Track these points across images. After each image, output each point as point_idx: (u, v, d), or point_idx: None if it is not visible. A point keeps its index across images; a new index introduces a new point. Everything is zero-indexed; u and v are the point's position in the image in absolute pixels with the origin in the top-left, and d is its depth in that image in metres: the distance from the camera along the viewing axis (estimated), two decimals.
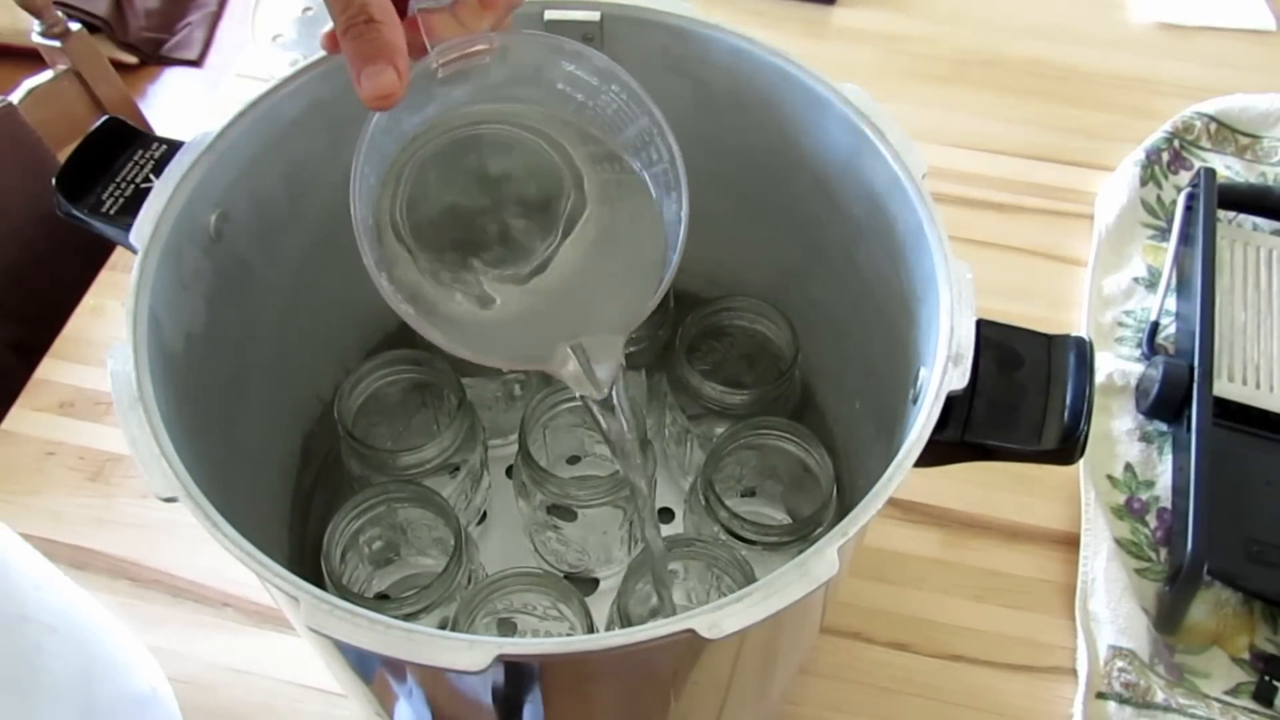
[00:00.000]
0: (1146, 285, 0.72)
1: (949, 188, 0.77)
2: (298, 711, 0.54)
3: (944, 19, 0.90)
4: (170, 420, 0.37)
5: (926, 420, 0.36)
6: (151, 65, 1.79)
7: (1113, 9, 0.91)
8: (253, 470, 0.51)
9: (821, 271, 0.53)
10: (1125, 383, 0.67)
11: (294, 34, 0.82)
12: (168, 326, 0.41)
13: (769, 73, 0.47)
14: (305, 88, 0.46)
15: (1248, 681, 0.56)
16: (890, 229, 0.45)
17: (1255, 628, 0.58)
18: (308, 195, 0.49)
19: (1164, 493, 0.63)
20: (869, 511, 0.34)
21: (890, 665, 0.57)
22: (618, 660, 0.33)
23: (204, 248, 0.44)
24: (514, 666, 0.33)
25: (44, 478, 0.63)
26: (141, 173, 0.45)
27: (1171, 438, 0.65)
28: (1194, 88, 0.83)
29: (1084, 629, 0.57)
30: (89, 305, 0.70)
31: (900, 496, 0.53)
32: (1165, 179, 0.77)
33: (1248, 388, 0.64)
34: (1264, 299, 0.68)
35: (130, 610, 0.57)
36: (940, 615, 0.58)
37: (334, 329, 0.57)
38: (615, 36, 0.49)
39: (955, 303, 0.39)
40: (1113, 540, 0.60)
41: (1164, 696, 0.55)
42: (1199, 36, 0.89)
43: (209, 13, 1.85)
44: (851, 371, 0.53)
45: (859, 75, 0.47)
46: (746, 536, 0.49)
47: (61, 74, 1.02)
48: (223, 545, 0.33)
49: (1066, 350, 0.41)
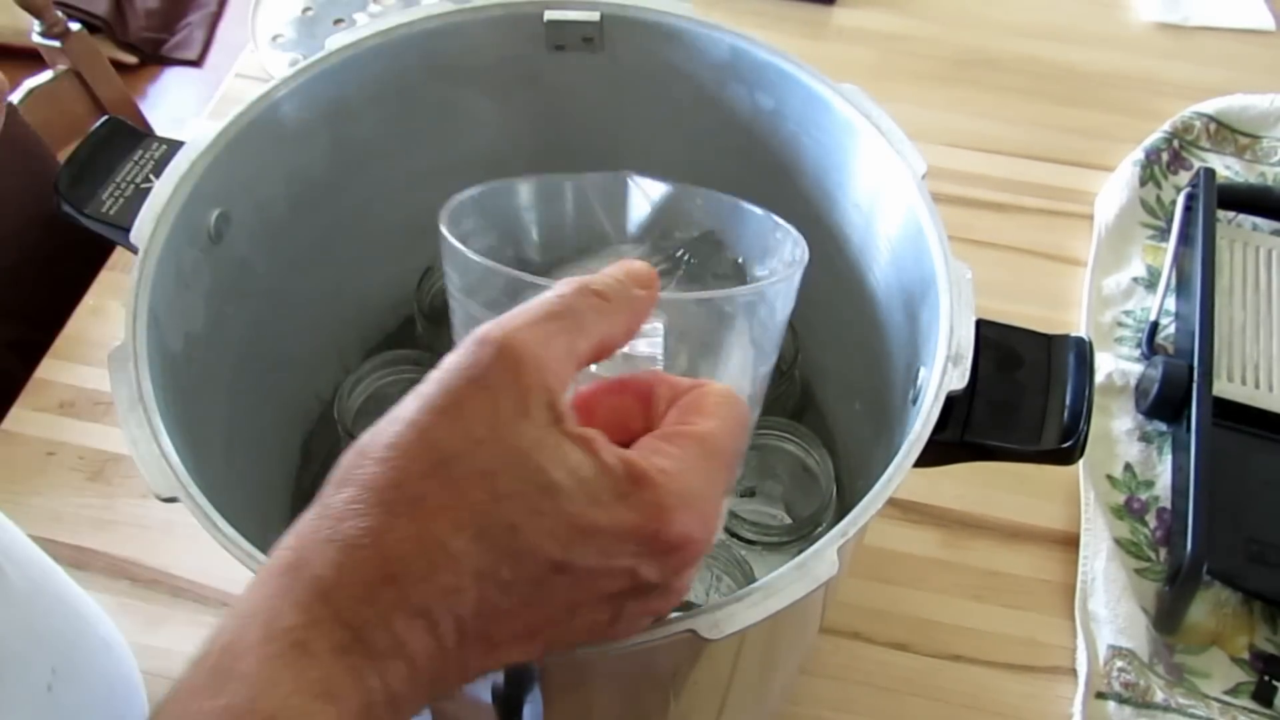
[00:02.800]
0: (1146, 285, 0.72)
1: (948, 188, 0.77)
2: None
3: (944, 19, 0.90)
4: (170, 420, 0.37)
5: (926, 420, 0.36)
6: (151, 65, 1.79)
7: (1112, 9, 0.91)
8: (253, 470, 0.51)
9: (821, 271, 0.53)
10: (1125, 383, 0.67)
11: (293, 34, 0.82)
12: (168, 326, 0.41)
13: (769, 73, 0.47)
14: (305, 87, 0.46)
15: (1247, 681, 0.56)
16: (890, 229, 0.45)
17: (1255, 628, 0.58)
18: (308, 195, 0.49)
19: (1164, 493, 0.63)
20: (869, 511, 0.34)
21: (890, 665, 0.57)
22: (618, 660, 0.33)
23: (204, 248, 0.44)
24: (514, 666, 0.33)
25: (44, 478, 0.63)
26: (142, 173, 0.45)
27: (1171, 438, 0.65)
28: (1194, 88, 0.83)
29: (1083, 629, 0.57)
30: (89, 305, 0.70)
31: (900, 496, 0.53)
32: (1165, 179, 0.77)
33: (1247, 387, 0.64)
34: (1263, 299, 0.68)
35: (130, 610, 0.57)
36: (940, 615, 0.58)
37: (334, 329, 0.57)
38: (615, 36, 0.49)
39: (955, 303, 0.39)
40: (1112, 540, 0.60)
41: (1164, 696, 0.55)
42: (1199, 36, 0.89)
43: (209, 13, 1.85)
44: (851, 371, 0.53)
45: (859, 75, 0.47)
46: (746, 536, 0.49)
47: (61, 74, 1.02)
48: (223, 545, 0.33)
49: (1066, 350, 0.41)
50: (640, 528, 0.27)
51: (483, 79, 0.52)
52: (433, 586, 0.26)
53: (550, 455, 0.26)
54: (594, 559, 0.27)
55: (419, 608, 0.26)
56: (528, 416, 0.27)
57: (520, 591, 0.26)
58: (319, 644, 0.25)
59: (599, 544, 0.27)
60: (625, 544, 0.27)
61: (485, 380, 0.27)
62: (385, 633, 0.25)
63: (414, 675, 0.26)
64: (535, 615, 0.27)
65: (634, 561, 0.27)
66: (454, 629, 0.26)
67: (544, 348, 0.27)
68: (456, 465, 0.26)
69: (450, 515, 0.26)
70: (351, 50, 0.47)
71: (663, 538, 0.27)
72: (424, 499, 0.26)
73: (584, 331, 0.29)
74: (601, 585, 0.28)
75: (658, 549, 0.28)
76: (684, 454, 0.29)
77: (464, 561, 0.26)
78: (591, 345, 0.29)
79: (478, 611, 0.26)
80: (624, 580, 0.28)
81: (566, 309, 0.29)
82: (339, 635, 0.25)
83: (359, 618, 0.25)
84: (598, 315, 0.29)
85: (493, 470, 0.26)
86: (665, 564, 0.28)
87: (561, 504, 0.26)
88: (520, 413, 0.27)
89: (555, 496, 0.26)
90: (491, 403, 0.27)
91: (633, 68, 0.51)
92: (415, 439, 0.27)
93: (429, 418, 0.27)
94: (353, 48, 0.47)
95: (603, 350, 0.30)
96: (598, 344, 0.29)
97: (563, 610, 0.28)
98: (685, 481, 0.28)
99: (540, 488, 0.26)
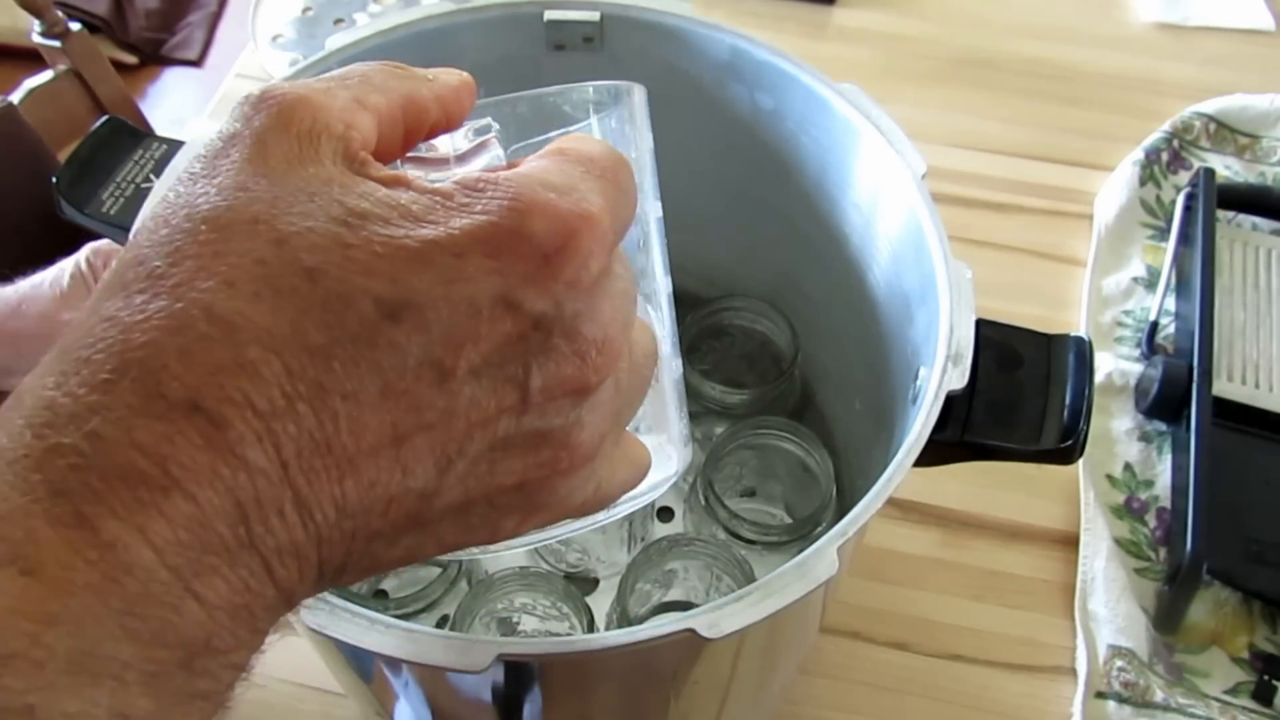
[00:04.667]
0: (1146, 285, 0.72)
1: (948, 188, 0.77)
2: (296, 711, 0.54)
3: (944, 19, 0.90)
4: None
5: (926, 420, 0.36)
6: (152, 65, 1.79)
7: (1112, 9, 0.91)
8: None
9: (821, 271, 0.53)
10: (1124, 382, 0.67)
11: (294, 34, 0.82)
12: None
13: (769, 73, 0.47)
14: None
15: (1247, 681, 0.56)
16: (890, 229, 0.45)
17: (1255, 627, 0.58)
18: None
19: (1163, 492, 0.63)
20: (869, 511, 0.34)
21: (890, 665, 0.57)
22: (618, 660, 0.33)
23: None
24: (514, 666, 0.33)
25: None
26: (142, 173, 0.45)
27: (1171, 437, 0.65)
28: (1193, 88, 0.83)
29: (1083, 628, 0.57)
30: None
31: (900, 496, 0.53)
32: (1165, 179, 0.77)
33: (1247, 387, 0.64)
34: (1263, 299, 0.68)
35: None
36: (940, 615, 0.58)
37: None
38: (615, 36, 0.49)
39: (955, 302, 0.39)
40: (1112, 540, 0.60)
41: (1163, 696, 0.55)
42: (1198, 36, 0.89)
43: (209, 13, 1.85)
44: (851, 371, 0.54)
45: (859, 75, 0.47)
46: (746, 536, 0.49)
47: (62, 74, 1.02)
48: None
49: (1066, 350, 0.41)
50: (492, 230, 0.20)
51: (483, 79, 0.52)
52: (202, 374, 0.18)
53: (351, 189, 0.20)
54: (438, 288, 0.19)
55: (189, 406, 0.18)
56: (314, 160, 0.20)
57: (349, 360, 0.19)
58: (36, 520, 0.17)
59: (439, 268, 0.19)
60: (477, 259, 0.20)
61: (242, 133, 0.20)
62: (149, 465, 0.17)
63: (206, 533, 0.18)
64: (400, 409, 0.19)
65: (501, 285, 0.20)
66: (257, 434, 0.18)
67: (322, 95, 0.21)
68: (216, 222, 0.19)
69: (210, 273, 0.18)
70: (352, 51, 0.47)
71: (529, 237, 0.20)
72: (169, 269, 0.19)
73: (373, 85, 0.23)
74: (470, 332, 0.20)
75: (529, 258, 0.20)
76: (543, 159, 0.22)
77: (243, 329, 0.18)
78: (389, 101, 0.23)
79: (290, 404, 0.18)
80: (501, 323, 0.20)
81: (349, 70, 0.23)
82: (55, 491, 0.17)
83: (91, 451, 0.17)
84: (391, 76, 0.24)
85: (268, 214, 0.19)
86: (552, 281, 0.20)
87: (374, 230, 0.19)
88: (298, 158, 0.20)
89: (364, 223, 0.19)
90: (255, 149, 0.20)
91: (633, 68, 0.51)
92: (159, 209, 0.20)
93: (177, 188, 0.20)
94: (353, 48, 0.47)
95: (410, 111, 0.23)
96: (398, 100, 0.23)
97: (436, 394, 0.20)
98: (547, 173, 0.21)
99: (339, 220, 0.19)
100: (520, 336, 0.20)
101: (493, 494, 0.22)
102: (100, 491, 0.17)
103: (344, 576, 0.21)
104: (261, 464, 0.18)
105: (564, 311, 0.21)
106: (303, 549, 0.19)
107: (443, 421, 0.20)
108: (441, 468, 0.20)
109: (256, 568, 0.19)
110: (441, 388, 0.20)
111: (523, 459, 0.22)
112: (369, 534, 0.20)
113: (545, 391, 0.21)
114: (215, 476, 0.18)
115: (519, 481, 0.22)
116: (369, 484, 0.20)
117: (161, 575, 0.17)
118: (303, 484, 0.19)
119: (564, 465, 0.22)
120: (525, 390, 0.21)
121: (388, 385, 0.19)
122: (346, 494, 0.19)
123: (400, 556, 0.22)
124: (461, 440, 0.20)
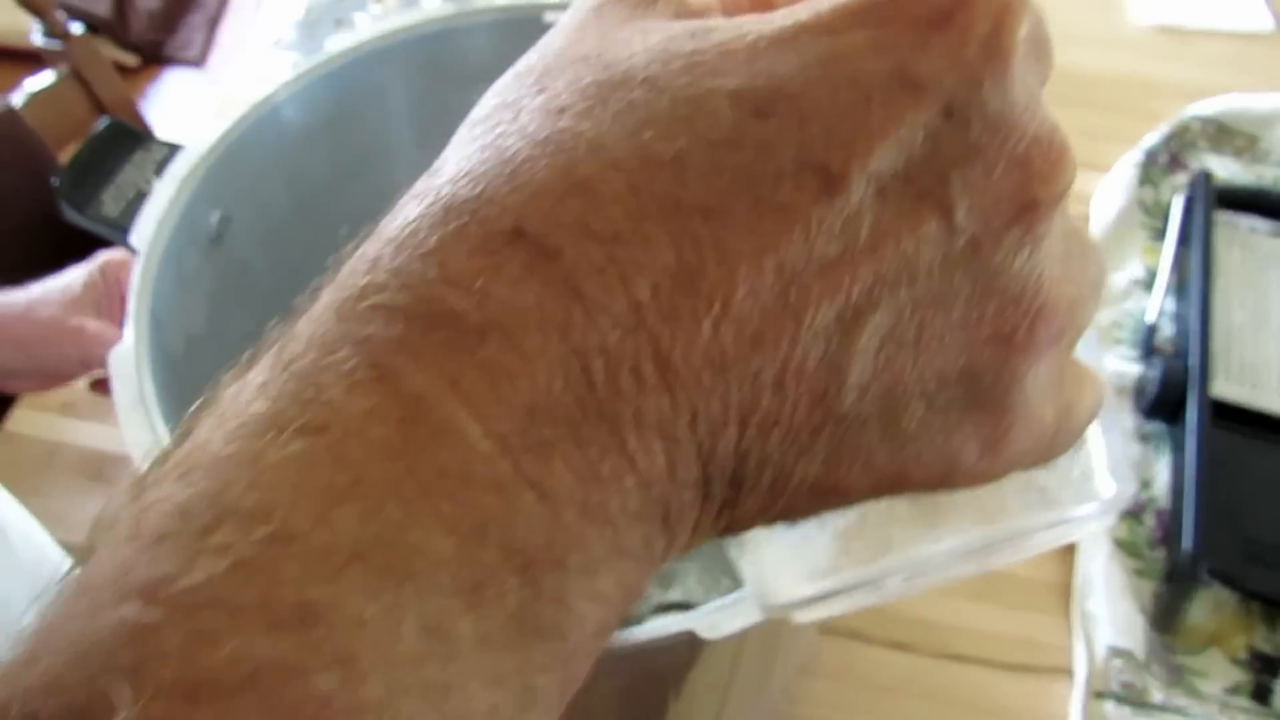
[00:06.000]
0: (1144, 286, 0.72)
1: None
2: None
3: None
4: (172, 421, 0.37)
5: None
6: (152, 66, 1.79)
7: (1111, 11, 0.91)
8: None
9: None
10: (1123, 383, 0.67)
11: (294, 36, 0.82)
12: (169, 328, 0.41)
13: None
14: (307, 90, 0.46)
15: (1246, 681, 0.57)
16: None
17: (1253, 628, 0.58)
18: (309, 196, 0.49)
19: (1161, 493, 0.63)
20: None
21: (890, 665, 0.57)
22: (618, 660, 0.33)
23: (205, 249, 0.44)
24: None
25: (45, 478, 0.63)
26: (143, 174, 0.45)
27: (1169, 438, 0.65)
28: (1192, 89, 0.83)
29: (1082, 629, 0.57)
30: None
31: None
32: (1163, 180, 0.77)
33: (1245, 388, 0.64)
34: (1261, 300, 0.68)
35: None
36: (939, 615, 0.58)
37: None
38: None
39: None
40: (1110, 540, 0.60)
41: (1162, 696, 0.55)
42: (1197, 38, 0.89)
43: (210, 14, 1.85)
44: None
45: None
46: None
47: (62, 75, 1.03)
48: None
49: None
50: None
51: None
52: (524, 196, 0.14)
53: (690, 18, 0.17)
54: (813, 69, 0.15)
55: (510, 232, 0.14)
56: (650, 13, 0.17)
57: (708, 169, 0.14)
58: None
59: (809, 47, 0.15)
60: (856, 31, 0.15)
61: (576, 10, 0.18)
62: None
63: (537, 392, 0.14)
64: (779, 230, 0.14)
65: (893, 58, 0.15)
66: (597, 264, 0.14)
67: None
68: (538, 67, 0.17)
69: (531, 109, 0.16)
70: (352, 53, 0.47)
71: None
72: (484, 117, 0.16)
73: None
74: (859, 124, 0.15)
75: (924, 19, 0.15)
76: None
77: (572, 147, 0.15)
78: None
79: (637, 225, 0.14)
80: (898, 110, 0.15)
81: None
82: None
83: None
84: None
85: (597, 49, 0.16)
86: (962, 45, 0.15)
87: (720, 35, 0.15)
88: (630, 15, 0.17)
89: (709, 33, 0.16)
90: (587, 15, 0.17)
91: None
92: (486, 96, 0.18)
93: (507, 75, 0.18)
94: (353, 51, 0.47)
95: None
96: None
97: (826, 210, 0.15)
98: None
99: (678, 36, 0.16)
100: (928, 132, 0.15)
101: (928, 381, 0.16)
102: (402, 337, 0.14)
103: (746, 502, 0.16)
104: (605, 301, 0.14)
105: (983, 93, 0.15)
106: (671, 428, 0.14)
107: (838, 252, 0.15)
108: (846, 323, 0.15)
109: (610, 446, 0.14)
110: (831, 202, 0.15)
111: (963, 320, 0.15)
112: (764, 423, 0.15)
113: (976, 214, 0.15)
114: (545, 318, 0.14)
115: (963, 365, 0.16)
116: (752, 337, 0.14)
117: (483, 446, 0.13)
118: (662, 330, 0.14)
119: (1022, 335, 0.16)
120: (947, 210, 0.15)
121: (759, 199, 0.14)
122: (724, 346, 0.14)
123: (818, 477, 0.16)
124: (868, 283, 0.15)
